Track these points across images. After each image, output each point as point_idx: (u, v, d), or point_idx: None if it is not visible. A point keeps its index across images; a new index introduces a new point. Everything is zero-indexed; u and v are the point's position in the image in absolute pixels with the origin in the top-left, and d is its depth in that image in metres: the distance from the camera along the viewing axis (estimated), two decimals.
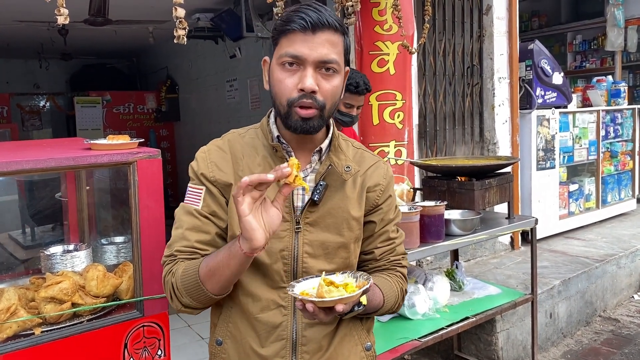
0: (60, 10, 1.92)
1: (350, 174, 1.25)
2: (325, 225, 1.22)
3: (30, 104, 8.33)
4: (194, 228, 1.20)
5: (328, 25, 1.11)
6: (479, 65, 4.23)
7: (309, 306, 1.02)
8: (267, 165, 1.21)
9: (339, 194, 1.23)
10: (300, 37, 1.11)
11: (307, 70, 1.12)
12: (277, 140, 1.22)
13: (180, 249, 1.19)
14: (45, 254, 1.83)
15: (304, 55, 1.11)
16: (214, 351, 1.28)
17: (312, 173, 1.24)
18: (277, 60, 1.15)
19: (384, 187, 1.29)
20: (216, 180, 1.21)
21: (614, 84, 5.38)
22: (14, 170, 1.46)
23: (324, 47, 1.11)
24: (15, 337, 1.49)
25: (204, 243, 1.20)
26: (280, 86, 1.14)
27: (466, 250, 3.99)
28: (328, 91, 1.15)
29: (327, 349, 1.24)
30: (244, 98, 5.94)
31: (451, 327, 2.46)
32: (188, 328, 4.06)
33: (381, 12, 3.07)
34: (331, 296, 1.02)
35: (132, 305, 1.67)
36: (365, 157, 1.31)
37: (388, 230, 1.31)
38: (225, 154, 1.23)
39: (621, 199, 5.44)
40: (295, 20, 1.11)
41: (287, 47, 1.12)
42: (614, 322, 3.89)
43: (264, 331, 1.21)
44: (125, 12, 4.94)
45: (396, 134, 3.17)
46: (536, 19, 7.79)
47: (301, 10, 1.12)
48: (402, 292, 1.32)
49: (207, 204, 1.21)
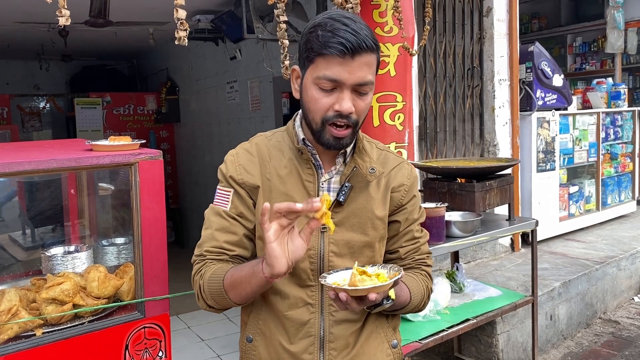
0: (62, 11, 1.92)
1: (375, 176, 1.28)
2: (350, 225, 1.25)
3: (31, 105, 8.32)
4: (223, 229, 1.24)
5: (366, 48, 1.13)
6: (479, 67, 4.23)
7: (342, 295, 1.05)
8: (293, 167, 1.25)
9: (363, 194, 1.27)
10: (339, 60, 1.12)
11: (345, 93, 1.14)
12: (302, 143, 1.26)
13: (210, 249, 1.24)
14: (46, 255, 1.84)
15: (342, 79, 1.13)
16: (245, 348, 1.32)
17: (336, 175, 1.27)
18: (314, 79, 1.16)
19: (408, 187, 1.33)
20: (244, 182, 1.26)
21: (614, 86, 5.39)
22: (16, 172, 1.46)
23: (361, 70, 1.14)
24: (17, 338, 1.49)
25: (232, 243, 1.24)
26: (316, 104, 1.17)
27: (466, 252, 3.98)
28: (362, 109, 1.18)
29: (354, 346, 1.27)
30: (244, 100, 5.94)
31: (451, 329, 2.46)
32: (188, 330, 4.06)
33: (382, 13, 3.07)
34: (364, 285, 1.04)
35: (133, 306, 1.67)
36: (389, 158, 1.34)
37: (412, 229, 1.34)
38: (253, 157, 1.28)
39: (621, 201, 5.44)
40: (334, 44, 1.11)
41: (325, 70, 1.13)
42: (614, 324, 3.89)
43: (292, 328, 1.25)
44: (125, 13, 4.94)
45: (396, 135, 3.17)
46: (536, 21, 7.80)
47: (339, 32, 1.11)
48: (427, 290, 1.35)
49: (235, 206, 1.25)
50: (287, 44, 2.69)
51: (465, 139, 4.18)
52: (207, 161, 6.79)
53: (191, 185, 7.39)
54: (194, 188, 7.30)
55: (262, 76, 5.40)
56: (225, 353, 3.69)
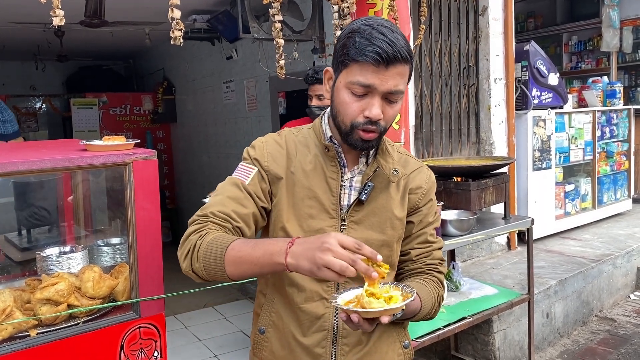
0: (56, 11, 1.92)
1: (397, 177, 1.30)
2: (370, 224, 1.27)
3: (27, 105, 8.30)
4: (235, 198, 1.22)
5: (401, 59, 1.14)
6: (475, 66, 4.24)
7: (354, 317, 1.03)
8: (318, 163, 1.27)
9: (384, 194, 1.28)
10: (373, 68, 1.13)
11: (375, 99, 1.16)
12: (329, 141, 1.27)
13: (215, 213, 1.20)
14: (42, 255, 1.83)
15: (374, 85, 1.14)
16: (257, 339, 1.33)
17: (358, 174, 1.29)
18: (347, 83, 1.18)
19: (426, 191, 1.34)
20: (269, 170, 1.26)
21: (610, 85, 5.40)
22: (9, 172, 1.46)
23: (394, 79, 1.15)
24: (11, 339, 1.48)
25: (239, 215, 1.21)
26: (346, 108, 1.19)
27: (463, 251, 3.99)
28: (391, 117, 1.20)
29: (366, 343, 1.28)
30: (241, 99, 5.93)
31: (448, 328, 2.47)
32: (185, 330, 4.06)
33: (377, 13, 3.07)
34: (371, 307, 1.03)
35: (128, 306, 1.66)
36: (409, 161, 1.36)
37: (426, 232, 1.34)
38: (281, 149, 1.29)
39: (617, 199, 5.46)
40: (370, 53, 1.12)
41: (359, 76, 1.15)
42: (610, 322, 3.90)
43: (306, 321, 1.25)
44: (121, 13, 4.94)
45: (392, 134, 3.17)
46: (532, 20, 7.81)
47: (376, 41, 1.12)
48: (438, 297, 1.34)
49: (254, 183, 1.25)
50: (282, 44, 2.69)
51: (461, 138, 4.19)
52: (204, 161, 6.78)
53: (188, 186, 7.38)
54: (190, 188, 7.29)
55: (259, 76, 5.39)
56: (222, 353, 3.69)
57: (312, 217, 1.25)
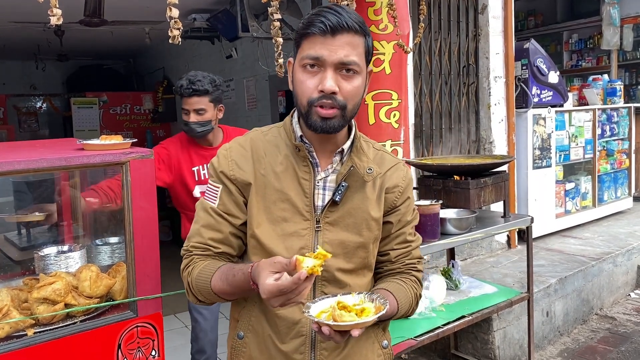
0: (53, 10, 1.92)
1: (372, 176, 1.27)
2: (345, 225, 1.24)
3: (27, 105, 8.31)
4: (208, 226, 1.25)
5: (348, 28, 1.14)
6: (474, 65, 4.23)
7: (325, 329, 1.04)
8: (289, 164, 1.24)
9: (359, 194, 1.25)
10: (321, 40, 1.14)
11: (327, 72, 1.14)
12: (300, 140, 1.24)
13: (195, 245, 1.25)
14: (40, 254, 1.83)
15: (323, 57, 1.14)
16: (235, 345, 1.32)
17: (333, 174, 1.26)
18: (299, 62, 1.18)
19: (403, 189, 1.31)
20: (236, 178, 1.24)
21: (610, 83, 5.39)
22: (6, 171, 1.45)
23: (343, 49, 1.14)
24: (8, 338, 1.48)
25: (217, 241, 1.24)
26: (301, 87, 1.17)
27: (462, 249, 3.99)
28: (349, 92, 1.17)
29: (344, 347, 1.26)
30: (241, 98, 5.93)
31: (447, 326, 2.47)
32: (185, 329, 4.06)
33: (376, 11, 3.06)
34: (342, 320, 1.04)
35: (125, 305, 1.66)
36: (385, 158, 1.33)
37: (405, 232, 1.32)
38: (246, 152, 1.26)
39: (617, 198, 5.45)
40: (316, 24, 1.14)
41: (308, 50, 1.15)
42: (610, 320, 3.90)
43: (284, 327, 1.24)
44: (121, 12, 4.94)
45: (392, 133, 3.17)
46: (532, 18, 7.80)
47: (322, 13, 1.14)
48: (416, 297, 1.33)
49: (223, 203, 1.25)
50: (281, 42, 2.69)
51: (461, 137, 4.18)
52: None
53: None
54: None
55: (258, 75, 5.39)
56: (223, 352, 3.69)
57: (285, 220, 1.22)
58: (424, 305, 2.51)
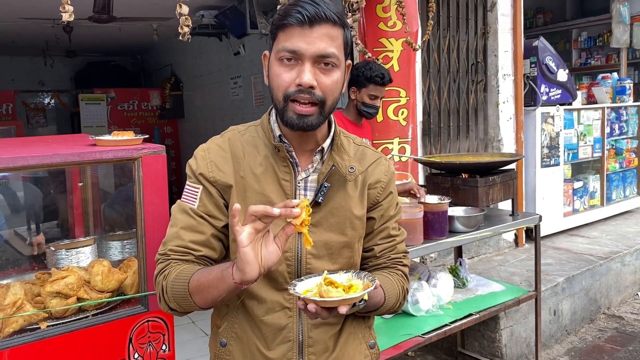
0: (65, 7, 1.93)
1: (354, 175, 1.22)
2: (329, 225, 1.20)
3: (35, 101, 8.36)
4: (189, 227, 1.17)
5: (326, 19, 1.08)
6: (483, 62, 4.22)
7: (311, 306, 1.01)
8: (269, 165, 1.19)
9: (341, 193, 1.21)
10: (298, 31, 1.08)
11: (305, 65, 1.09)
12: (279, 140, 1.19)
13: (174, 249, 1.17)
14: (51, 249, 1.85)
15: (301, 49, 1.08)
16: (218, 353, 1.26)
17: (314, 173, 1.21)
18: (275, 55, 1.12)
19: (385, 184, 1.27)
20: (216, 181, 1.18)
21: (619, 81, 5.36)
22: (20, 166, 1.47)
23: (322, 41, 1.09)
24: (22, 331, 1.50)
25: (198, 243, 1.17)
26: (277, 80, 1.12)
27: (470, 247, 3.98)
28: (327, 86, 1.11)
29: (333, 349, 1.23)
30: (248, 95, 5.94)
31: (454, 324, 2.46)
32: (192, 324, 4.08)
33: (385, 8, 3.06)
34: (330, 296, 1.01)
35: (136, 300, 1.68)
36: (366, 154, 1.28)
37: (388, 227, 1.28)
38: (225, 154, 1.20)
39: (626, 197, 5.42)
40: (292, 14, 1.08)
41: (285, 42, 1.09)
42: (618, 320, 3.88)
43: (270, 333, 1.19)
44: (129, 9, 4.96)
45: (400, 130, 3.17)
46: (541, 16, 7.76)
47: (299, 4, 1.09)
48: (403, 291, 1.29)
49: (204, 204, 1.18)
50: None
51: (469, 134, 4.17)
52: None
53: None
54: None
55: None
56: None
57: None
58: (431, 303, 2.51)
